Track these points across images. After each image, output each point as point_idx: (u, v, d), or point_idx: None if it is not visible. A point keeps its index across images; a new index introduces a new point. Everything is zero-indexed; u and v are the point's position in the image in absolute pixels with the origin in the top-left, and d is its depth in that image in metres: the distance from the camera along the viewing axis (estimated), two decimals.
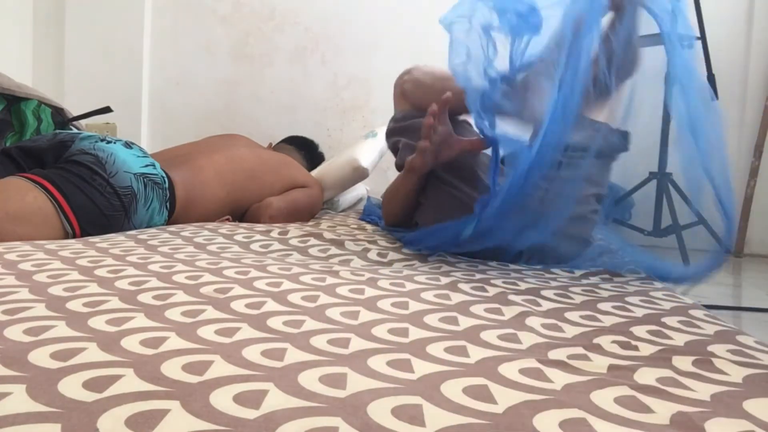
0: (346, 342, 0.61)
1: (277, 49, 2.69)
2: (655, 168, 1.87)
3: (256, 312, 0.70)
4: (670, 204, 1.86)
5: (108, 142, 1.34)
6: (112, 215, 1.25)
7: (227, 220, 1.56)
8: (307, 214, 1.77)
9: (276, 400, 0.45)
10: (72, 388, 0.44)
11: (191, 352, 0.54)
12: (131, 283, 0.80)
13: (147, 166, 1.34)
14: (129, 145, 1.38)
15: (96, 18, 2.72)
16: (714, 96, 1.32)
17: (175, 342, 0.57)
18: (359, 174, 1.97)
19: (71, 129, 1.77)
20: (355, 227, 1.59)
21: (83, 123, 1.91)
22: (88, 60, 2.72)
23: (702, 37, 2.03)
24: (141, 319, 0.64)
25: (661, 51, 1.14)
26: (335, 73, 2.66)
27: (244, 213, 1.65)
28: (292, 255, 1.15)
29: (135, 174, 1.30)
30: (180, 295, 0.75)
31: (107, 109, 1.85)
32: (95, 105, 1.87)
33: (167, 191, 1.38)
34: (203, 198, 1.50)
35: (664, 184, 1.85)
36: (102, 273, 0.85)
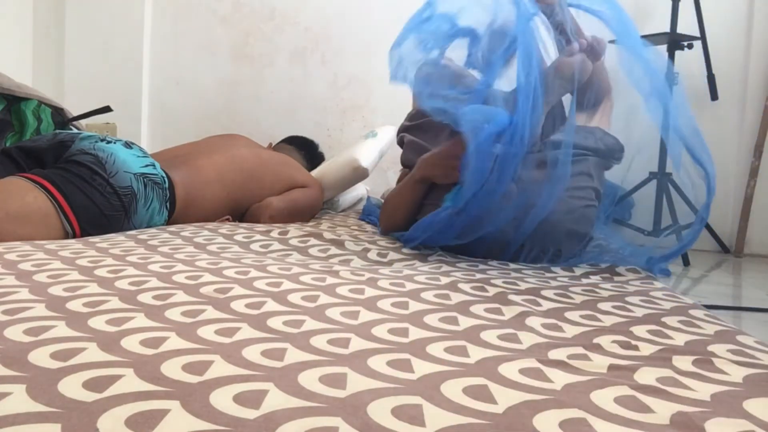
0: (346, 342, 0.61)
1: (277, 49, 2.69)
2: (655, 168, 1.87)
3: (256, 312, 0.70)
4: (670, 204, 1.86)
5: (108, 142, 1.34)
6: (112, 215, 1.25)
7: (227, 220, 1.56)
8: (307, 214, 1.77)
9: (276, 400, 0.45)
10: (72, 388, 0.44)
11: (191, 352, 0.54)
12: (131, 283, 0.80)
13: (147, 166, 1.34)
14: (129, 145, 1.38)
15: (96, 18, 2.72)
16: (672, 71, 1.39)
17: (175, 342, 0.57)
18: (359, 174, 1.97)
19: (71, 129, 1.77)
20: (355, 227, 1.59)
21: (83, 123, 1.91)
22: (88, 60, 2.72)
23: (702, 37, 2.03)
24: (141, 319, 0.64)
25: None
26: (335, 73, 2.65)
27: (244, 213, 1.65)
28: (292, 255, 1.15)
29: (135, 174, 1.30)
30: (180, 295, 0.75)
31: (107, 109, 1.85)
32: (95, 105, 1.86)
33: (167, 191, 1.38)
34: (203, 198, 1.50)
35: (664, 184, 1.85)
36: (102, 273, 0.85)
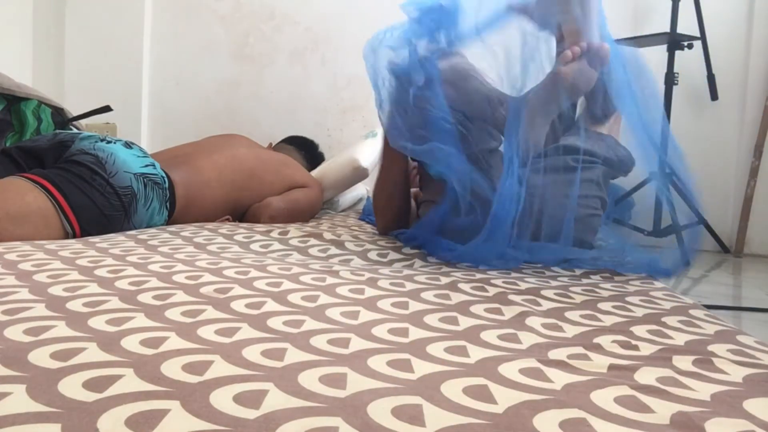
0: (346, 342, 0.61)
1: (277, 49, 2.69)
2: (655, 168, 1.87)
3: (256, 312, 0.70)
4: (669, 204, 1.86)
5: (108, 142, 1.34)
6: (112, 215, 1.25)
7: (227, 220, 1.56)
8: (307, 214, 1.77)
9: (276, 400, 0.45)
10: (72, 388, 0.44)
11: (191, 352, 0.54)
12: (131, 283, 0.80)
13: (147, 166, 1.34)
14: (129, 145, 1.38)
15: (96, 18, 2.72)
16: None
17: (175, 342, 0.57)
18: (359, 174, 1.97)
19: (71, 129, 1.77)
20: (355, 227, 1.59)
21: (83, 123, 1.91)
22: (88, 60, 2.72)
23: (702, 37, 2.03)
24: (141, 319, 0.64)
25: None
26: (335, 73, 2.65)
27: (244, 213, 1.65)
28: (292, 255, 1.15)
29: (135, 174, 1.30)
30: (180, 295, 0.75)
31: (107, 108, 1.85)
32: (95, 105, 1.86)
33: (167, 191, 1.38)
34: (203, 198, 1.50)
35: (664, 184, 1.85)
36: (102, 273, 0.85)
